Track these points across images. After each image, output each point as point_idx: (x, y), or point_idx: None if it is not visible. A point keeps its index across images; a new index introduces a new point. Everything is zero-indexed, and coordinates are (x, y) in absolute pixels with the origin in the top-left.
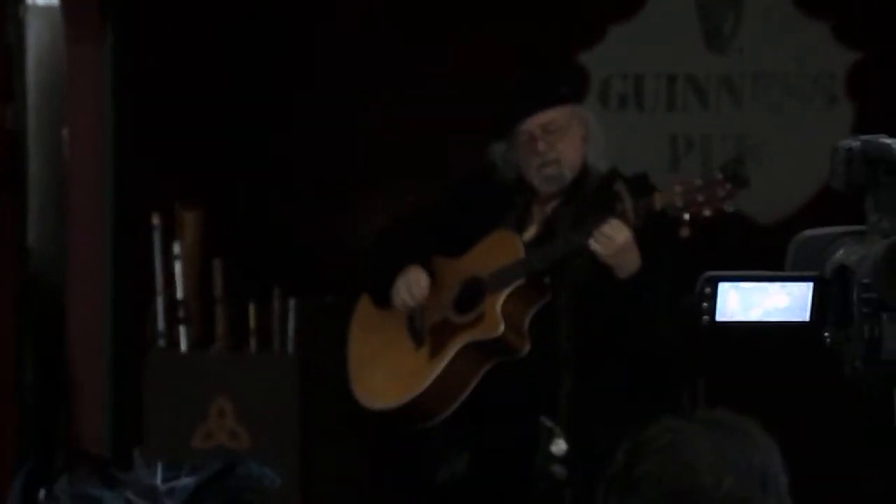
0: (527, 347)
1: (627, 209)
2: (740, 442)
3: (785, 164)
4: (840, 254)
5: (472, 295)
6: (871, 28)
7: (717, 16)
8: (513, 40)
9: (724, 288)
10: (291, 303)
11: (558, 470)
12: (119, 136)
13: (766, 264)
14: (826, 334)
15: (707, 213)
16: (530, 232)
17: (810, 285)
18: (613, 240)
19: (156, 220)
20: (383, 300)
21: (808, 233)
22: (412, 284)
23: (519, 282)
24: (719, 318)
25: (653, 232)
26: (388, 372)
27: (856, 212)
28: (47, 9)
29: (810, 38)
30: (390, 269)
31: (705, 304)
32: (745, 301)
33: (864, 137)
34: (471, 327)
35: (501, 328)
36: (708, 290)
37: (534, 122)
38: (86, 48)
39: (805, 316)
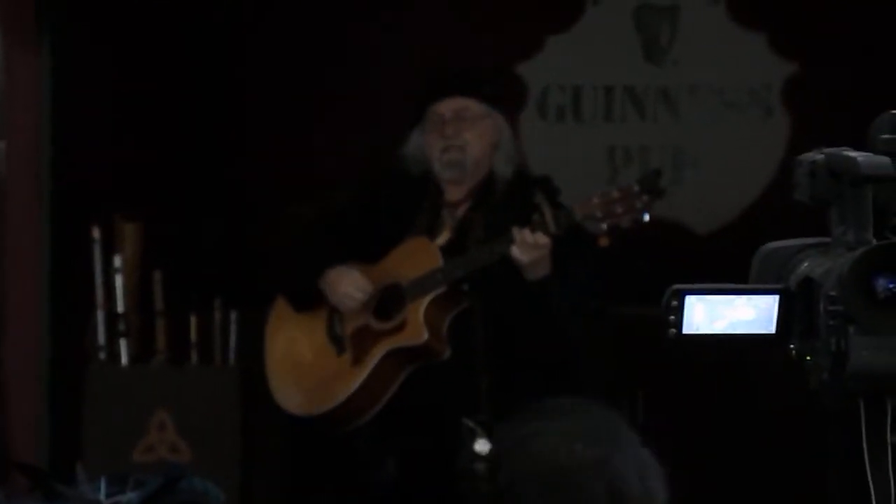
0: (447, 352)
1: (547, 219)
2: (578, 415)
3: (722, 174)
4: (805, 266)
5: (391, 301)
6: (806, 40)
7: (654, 27)
8: (450, 49)
9: (690, 300)
10: (233, 314)
11: (481, 468)
12: (57, 148)
13: (703, 273)
14: (792, 346)
15: (625, 223)
16: (443, 237)
17: (776, 298)
18: (534, 248)
19: (95, 233)
20: (303, 304)
21: (772, 245)
22: (357, 283)
23: (440, 289)
24: (685, 330)
25: (567, 239)
26: (310, 378)
27: (797, 222)
28: None
29: (746, 50)
30: (311, 272)
31: (672, 317)
32: (711, 313)
33: (827, 150)
34: (393, 334)
35: (426, 335)
36: (675, 302)
37: (447, 106)
38: (22, 58)
39: (771, 328)
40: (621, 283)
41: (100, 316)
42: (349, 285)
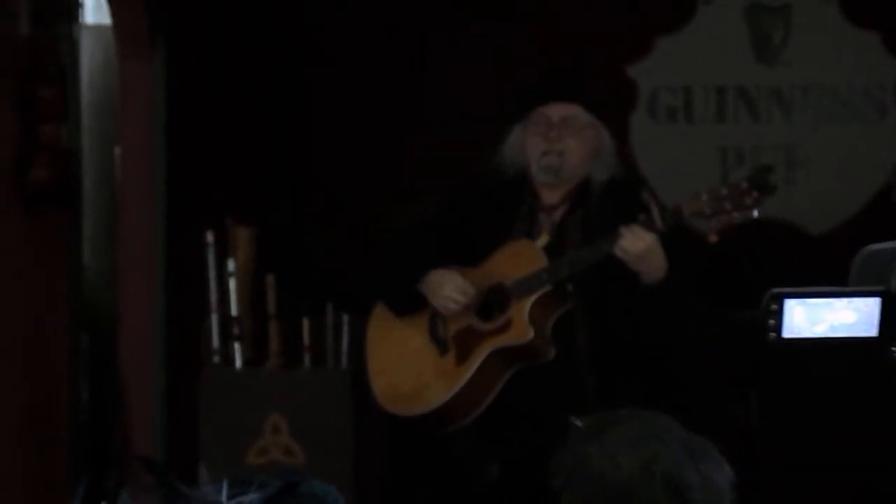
0: (552, 352)
1: (655, 217)
2: (620, 427)
3: (835, 175)
4: None
5: (495, 302)
6: None
7: (767, 27)
8: (561, 53)
9: (790, 304)
10: (345, 318)
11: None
12: (171, 154)
13: (816, 274)
14: (894, 349)
15: (735, 220)
16: (542, 240)
17: (878, 300)
18: (638, 246)
19: (209, 238)
20: (404, 310)
21: (873, 247)
22: (460, 287)
23: (545, 288)
24: (786, 334)
25: (678, 238)
26: (413, 378)
27: None
28: (100, 28)
29: (860, 49)
30: (409, 277)
31: (771, 321)
32: (811, 317)
33: None
34: (498, 333)
35: (531, 334)
36: (774, 306)
37: (556, 110)
38: (137, 67)
39: (873, 331)
40: (732, 284)
41: (214, 319)
42: (452, 289)
